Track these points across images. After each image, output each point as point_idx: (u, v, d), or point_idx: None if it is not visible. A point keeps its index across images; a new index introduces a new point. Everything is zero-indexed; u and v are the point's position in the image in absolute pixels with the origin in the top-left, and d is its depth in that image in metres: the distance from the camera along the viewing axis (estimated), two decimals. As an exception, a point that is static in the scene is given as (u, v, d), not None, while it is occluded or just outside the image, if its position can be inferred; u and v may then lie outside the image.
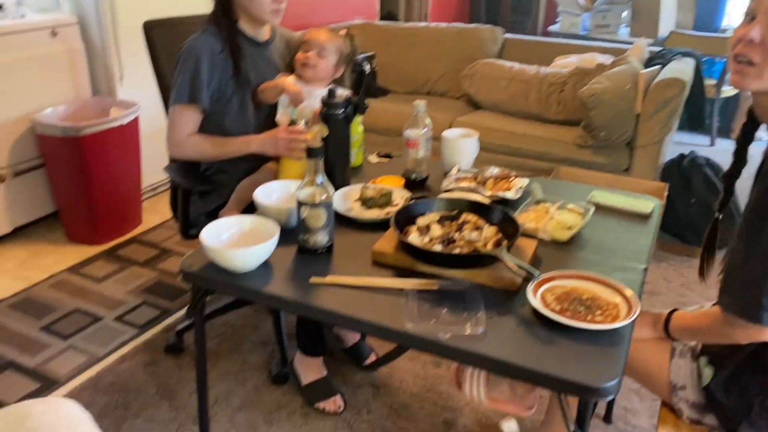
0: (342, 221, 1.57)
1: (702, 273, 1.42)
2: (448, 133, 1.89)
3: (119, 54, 3.13)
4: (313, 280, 1.31)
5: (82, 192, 2.93)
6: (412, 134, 1.77)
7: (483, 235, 1.40)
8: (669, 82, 3.00)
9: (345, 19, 4.49)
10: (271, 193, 1.60)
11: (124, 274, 2.78)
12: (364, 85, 4.00)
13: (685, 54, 3.54)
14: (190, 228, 2.13)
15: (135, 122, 3.04)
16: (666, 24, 5.05)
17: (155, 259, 2.92)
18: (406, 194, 1.69)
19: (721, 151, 4.63)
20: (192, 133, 1.92)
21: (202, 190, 1.99)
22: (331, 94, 1.66)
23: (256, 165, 2.02)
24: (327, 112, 1.66)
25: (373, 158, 2.03)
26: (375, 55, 4.08)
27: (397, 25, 4.28)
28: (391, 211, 1.61)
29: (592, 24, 5.29)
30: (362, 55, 3.90)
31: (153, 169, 3.34)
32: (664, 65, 3.39)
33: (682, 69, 3.23)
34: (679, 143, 4.66)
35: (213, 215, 2.02)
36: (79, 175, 2.88)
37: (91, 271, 2.80)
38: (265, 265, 1.37)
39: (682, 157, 3.30)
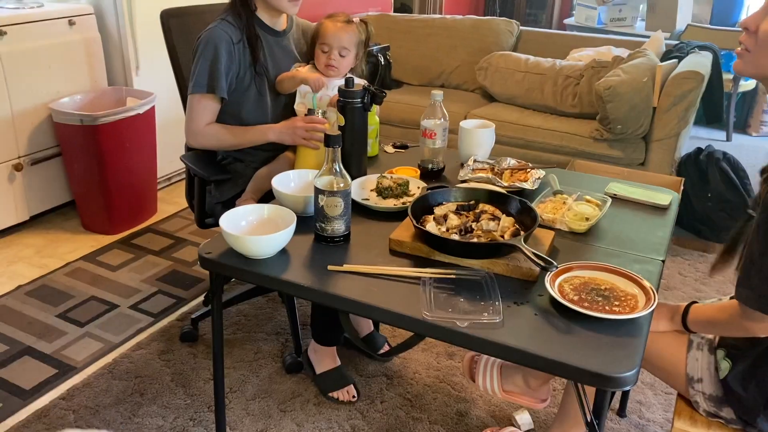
0: (358, 210, 1.58)
1: (714, 268, 1.40)
2: (465, 124, 1.88)
3: (135, 44, 3.14)
4: (331, 267, 1.31)
5: (98, 181, 2.94)
6: (429, 124, 1.77)
7: (500, 225, 1.40)
8: (687, 74, 2.97)
9: (360, 10, 4.49)
10: (288, 181, 1.61)
11: (139, 263, 2.80)
12: (379, 76, 4.03)
13: (703, 47, 3.51)
14: (206, 217, 2.14)
15: (151, 112, 3.05)
16: (683, 17, 5.00)
17: (170, 248, 2.93)
18: (423, 184, 1.69)
19: (738, 146, 4.59)
20: (210, 123, 1.93)
21: (219, 179, 2.00)
22: (349, 83, 1.66)
23: (273, 154, 2.03)
24: (344, 102, 1.66)
25: (389, 149, 2.03)
26: (389, 47, 4.12)
27: (411, 17, 4.27)
28: (408, 200, 1.61)
29: (607, 17, 5.25)
30: (377, 47, 3.93)
31: (168, 159, 3.36)
32: (681, 58, 3.36)
33: (700, 62, 3.20)
34: (695, 137, 4.63)
35: (229, 204, 2.03)
36: (95, 164, 2.90)
37: (107, 260, 2.82)
38: (283, 253, 1.37)
39: (698, 151, 3.28)
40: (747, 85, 4.73)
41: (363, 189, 1.68)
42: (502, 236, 1.37)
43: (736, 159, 3.27)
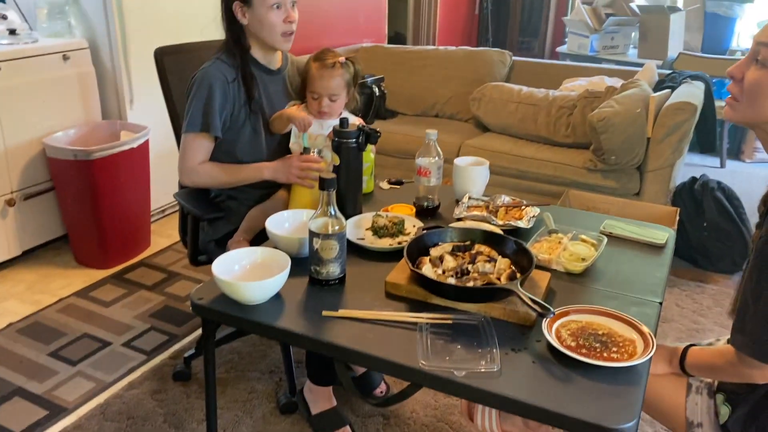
0: (354, 250, 1.56)
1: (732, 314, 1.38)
2: (459, 161, 1.88)
3: (129, 78, 3.15)
4: (326, 313, 1.30)
5: (92, 215, 2.93)
6: (424, 162, 1.77)
7: (497, 267, 1.39)
8: (680, 105, 2.99)
9: (354, 42, 4.52)
10: (282, 222, 1.60)
11: (132, 299, 2.77)
12: (374, 106, 4.05)
13: (695, 77, 3.54)
14: (199, 254, 2.12)
15: (145, 146, 3.05)
16: (674, 45, 5.05)
17: (163, 282, 2.91)
18: (418, 223, 1.68)
19: (732, 173, 4.61)
20: (204, 161, 1.92)
21: (212, 217, 1.98)
22: (343, 123, 1.66)
23: (267, 192, 2.02)
24: (339, 142, 1.66)
25: (384, 185, 2.03)
26: (383, 78, 4.14)
27: (405, 48, 4.30)
28: (404, 240, 1.60)
29: (600, 45, 5.30)
30: (371, 78, 3.95)
31: (162, 191, 3.35)
32: (674, 88, 3.38)
33: (692, 92, 3.22)
34: (689, 165, 4.64)
35: (222, 242, 2.02)
36: (88, 198, 2.88)
37: (100, 295, 2.79)
38: (277, 298, 1.35)
39: (693, 180, 3.29)
40: (739, 112, 4.76)
41: (358, 228, 1.67)
42: (499, 279, 1.36)
43: (731, 188, 3.27)
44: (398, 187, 2.03)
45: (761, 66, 1.20)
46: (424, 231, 1.53)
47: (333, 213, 1.37)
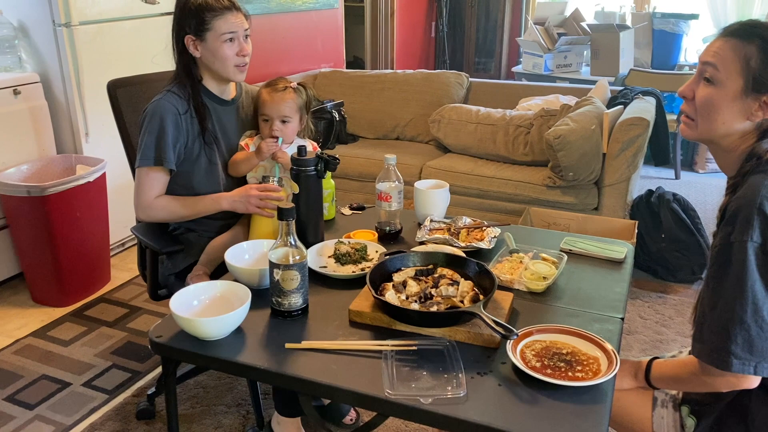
0: (317, 278, 1.55)
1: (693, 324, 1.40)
2: (420, 185, 1.89)
3: (84, 111, 3.10)
4: (288, 345, 1.28)
5: (48, 252, 2.85)
6: (384, 187, 1.77)
7: (459, 290, 1.39)
8: (633, 121, 3.06)
9: (312, 67, 4.53)
10: (242, 253, 1.57)
11: (92, 336, 2.70)
12: (335, 131, 4.05)
13: (646, 92, 3.63)
14: (159, 288, 2.08)
15: (102, 179, 2.99)
16: (625, 62, 5.19)
17: (124, 318, 2.84)
18: (381, 248, 1.67)
19: (686, 184, 4.73)
20: (160, 195, 1.89)
21: (171, 251, 1.95)
22: (301, 151, 1.65)
23: (226, 223, 2.00)
24: (297, 170, 1.65)
25: (346, 210, 2.02)
26: (343, 102, 4.15)
27: (364, 72, 4.33)
28: (367, 266, 1.60)
29: (554, 64, 5.42)
30: (331, 103, 3.96)
31: (121, 224, 3.29)
32: (626, 104, 3.46)
33: (644, 108, 3.30)
34: (646, 177, 4.75)
35: (183, 275, 1.98)
36: (44, 235, 2.81)
37: (58, 334, 2.71)
38: (238, 332, 1.33)
39: (650, 193, 3.36)
40: (690, 125, 4.90)
41: (320, 256, 1.66)
42: (462, 301, 1.36)
43: (686, 199, 3.35)
44: (360, 212, 2.02)
45: (708, 84, 1.24)
46: (386, 257, 1.52)
47: (293, 243, 1.36)
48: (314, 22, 4.58)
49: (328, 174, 1.84)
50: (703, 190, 4.59)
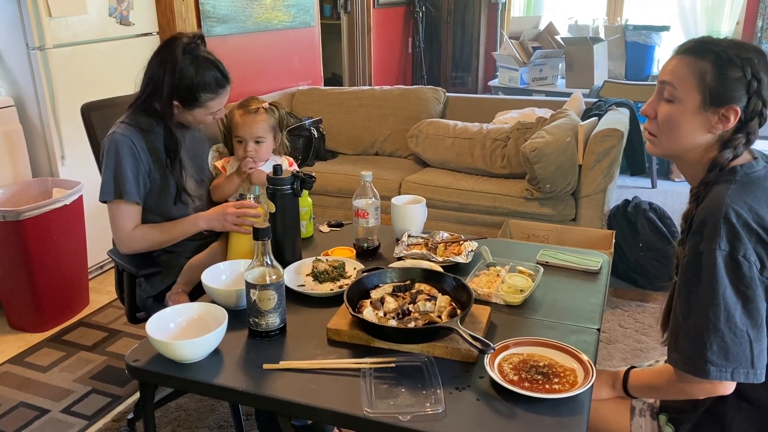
0: (294, 297, 1.55)
1: (663, 330, 1.42)
2: (396, 200, 1.90)
3: (60, 134, 3.08)
4: (266, 366, 1.27)
5: (25, 277, 2.82)
6: (361, 204, 1.77)
7: (437, 305, 1.39)
8: (607, 132, 3.10)
9: (290, 85, 4.55)
10: (219, 274, 1.57)
11: (71, 361, 2.66)
12: (314, 148, 4.06)
13: (620, 104, 3.69)
14: (137, 311, 2.06)
15: (78, 202, 2.97)
16: (599, 74, 5.26)
17: (103, 342, 2.81)
18: (359, 265, 1.68)
19: (663, 192, 4.79)
20: (136, 226, 1.88)
21: (149, 273, 1.93)
22: (277, 170, 1.65)
23: (204, 243, 1.99)
24: (273, 189, 1.65)
25: (324, 228, 2.02)
26: (321, 119, 4.17)
27: (341, 89, 4.35)
28: (345, 283, 1.60)
29: (529, 77, 5.48)
30: (309, 120, 3.97)
31: (99, 247, 3.24)
32: (600, 116, 3.51)
33: (618, 119, 3.35)
34: (622, 187, 4.80)
35: (161, 297, 1.97)
36: (20, 260, 2.78)
37: (36, 360, 2.67)
38: (216, 354, 1.32)
39: (626, 203, 3.40)
40: (665, 134, 4.97)
41: (298, 274, 1.65)
42: (440, 317, 1.36)
43: (662, 207, 3.40)
44: (338, 229, 2.02)
45: (668, 102, 1.27)
46: (364, 273, 1.53)
47: (269, 262, 1.35)
48: (291, 40, 4.60)
49: (305, 192, 1.84)
50: (680, 199, 4.65)
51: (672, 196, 4.70)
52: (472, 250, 1.73)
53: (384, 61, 5.91)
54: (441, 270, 1.58)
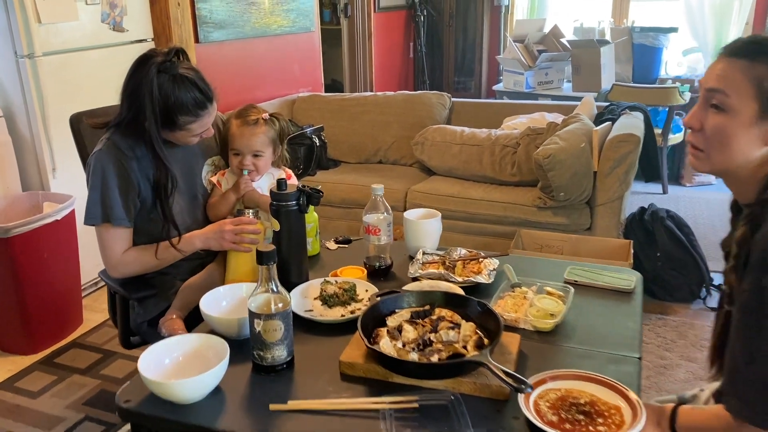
0: (302, 324, 1.41)
1: (712, 364, 1.27)
2: (409, 215, 1.76)
3: (51, 145, 2.94)
4: (273, 407, 1.13)
5: (14, 297, 2.68)
6: (372, 220, 1.64)
7: (461, 334, 1.25)
8: (624, 137, 2.97)
9: (290, 92, 4.42)
10: (219, 300, 1.43)
11: (63, 386, 2.52)
12: (315, 157, 3.92)
13: (633, 107, 3.56)
14: (131, 335, 1.93)
15: (71, 216, 2.83)
16: (607, 77, 5.13)
17: (98, 364, 2.67)
18: (371, 287, 1.54)
19: (675, 198, 4.65)
20: (127, 249, 1.74)
21: (142, 296, 1.79)
22: (281, 185, 1.51)
23: (200, 263, 1.85)
24: (277, 206, 1.51)
25: (331, 244, 1.88)
26: (323, 127, 4.03)
27: (343, 96, 4.22)
28: (357, 308, 1.46)
29: (535, 81, 5.35)
30: (311, 128, 3.84)
31: (93, 262, 3.07)
32: (614, 120, 3.38)
33: (633, 123, 3.22)
34: (633, 193, 4.66)
35: (156, 322, 1.82)
36: (9, 278, 2.64)
37: (27, 385, 2.53)
38: (217, 393, 1.18)
39: (642, 211, 3.27)
40: (676, 138, 4.84)
41: (305, 298, 1.52)
42: (465, 347, 1.22)
43: (679, 216, 3.26)
44: (346, 246, 1.89)
45: (718, 111, 1.12)
46: (378, 298, 1.39)
47: (275, 289, 1.22)
48: (290, 46, 4.47)
49: (311, 207, 1.70)
50: (692, 205, 4.52)
51: (684, 202, 4.56)
52: (493, 269, 1.59)
53: (385, 66, 5.78)
54: (462, 292, 1.44)
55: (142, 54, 1.67)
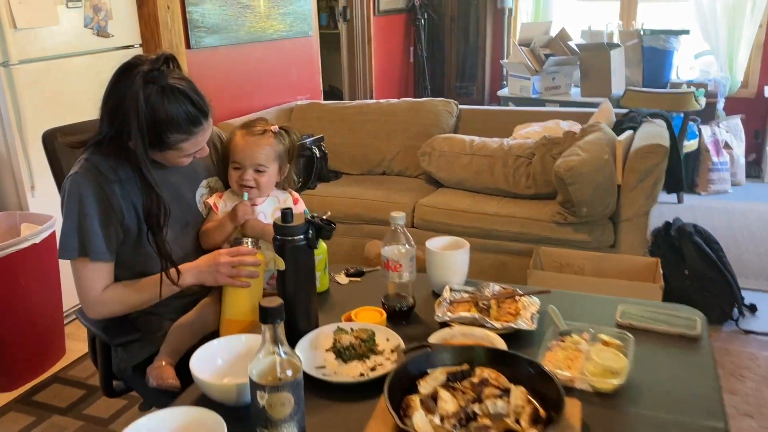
0: (313, 385, 1.17)
1: None
2: (432, 245, 1.52)
3: (28, 161, 2.70)
4: None
5: (-12, 329, 2.44)
6: (393, 254, 1.40)
7: (512, 404, 1.02)
8: (650, 149, 2.75)
9: (287, 100, 4.18)
10: (213, 357, 1.20)
11: (42, 428, 2.28)
12: (315, 169, 3.68)
13: (654, 115, 3.34)
14: (113, 379, 1.69)
15: (51, 238, 2.59)
16: (617, 81, 4.92)
17: (81, 402, 2.43)
18: (392, 335, 1.31)
19: (691, 208, 4.44)
20: (107, 285, 1.50)
21: (125, 341, 1.55)
22: (286, 216, 1.28)
23: (192, 300, 1.61)
24: (283, 240, 1.28)
25: (342, 278, 1.65)
26: (323, 137, 3.79)
27: (344, 104, 3.99)
28: (377, 363, 1.23)
29: (542, 86, 5.14)
30: (310, 139, 3.59)
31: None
32: (635, 129, 3.16)
33: (657, 132, 3.00)
34: (648, 203, 4.45)
35: (142, 367, 1.59)
36: (-18, 309, 2.40)
37: (1, 429, 2.29)
38: (211, 486, 0.95)
39: (667, 225, 3.05)
40: (691, 145, 4.65)
41: (316, 350, 1.28)
42: (518, 421, 0.99)
43: (707, 231, 3.05)
44: (359, 279, 1.65)
45: None
46: (406, 354, 1.15)
47: (283, 353, 0.98)
48: (287, 51, 4.24)
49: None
50: (710, 215, 4.30)
51: (701, 212, 4.34)
52: (536, 312, 1.36)
53: (385, 71, 5.55)
54: (503, 343, 1.21)
55: (126, 62, 1.44)
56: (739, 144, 5.02)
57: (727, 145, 4.92)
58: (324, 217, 1.32)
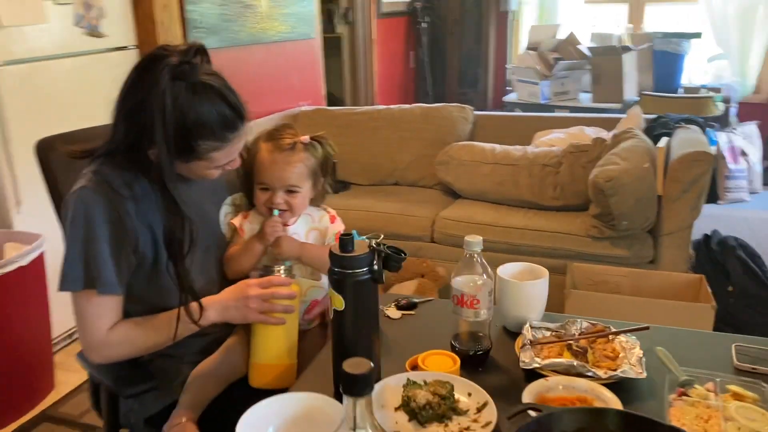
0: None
1: None
2: (504, 272, 1.29)
3: (14, 175, 2.43)
4: None
5: (-32, 363, 2.16)
6: (467, 287, 1.16)
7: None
8: (696, 156, 2.54)
9: (289, 105, 3.93)
10: (262, 424, 0.95)
11: (30, 476, 2.01)
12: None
13: (687, 120, 3.14)
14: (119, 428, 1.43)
15: (39, 260, 2.32)
16: (629, 86, 4.74)
17: (74, 444, 2.16)
18: (474, 387, 1.07)
19: (711, 217, 4.23)
20: (114, 324, 1.24)
21: (136, 392, 1.29)
22: (346, 244, 1.03)
23: (214, 338, 1.36)
24: (342, 275, 1.03)
25: (393, 311, 1.41)
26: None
27: (352, 110, 3.75)
28: (462, 426, 0.99)
29: (551, 92, 4.94)
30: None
31: (67, 310, 2.57)
32: (669, 135, 2.96)
33: (697, 138, 2.80)
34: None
35: (156, 421, 1.33)
36: (-39, 341, 2.12)
37: (-18, 477, 2.02)
38: None
39: (707, 238, 2.85)
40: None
41: (383, 409, 1.04)
42: None
43: (750, 245, 2.85)
44: (412, 312, 1.41)
45: None
46: (509, 420, 0.91)
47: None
48: (289, 54, 3.99)
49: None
50: (731, 224, 4.10)
51: (723, 222, 4.14)
52: (641, 357, 1.12)
53: (386, 77, 5.33)
54: (617, 399, 0.98)
55: (150, 53, 1.19)
56: (755, 151, 4.86)
57: (743, 152, 4.76)
58: (389, 245, 1.08)
